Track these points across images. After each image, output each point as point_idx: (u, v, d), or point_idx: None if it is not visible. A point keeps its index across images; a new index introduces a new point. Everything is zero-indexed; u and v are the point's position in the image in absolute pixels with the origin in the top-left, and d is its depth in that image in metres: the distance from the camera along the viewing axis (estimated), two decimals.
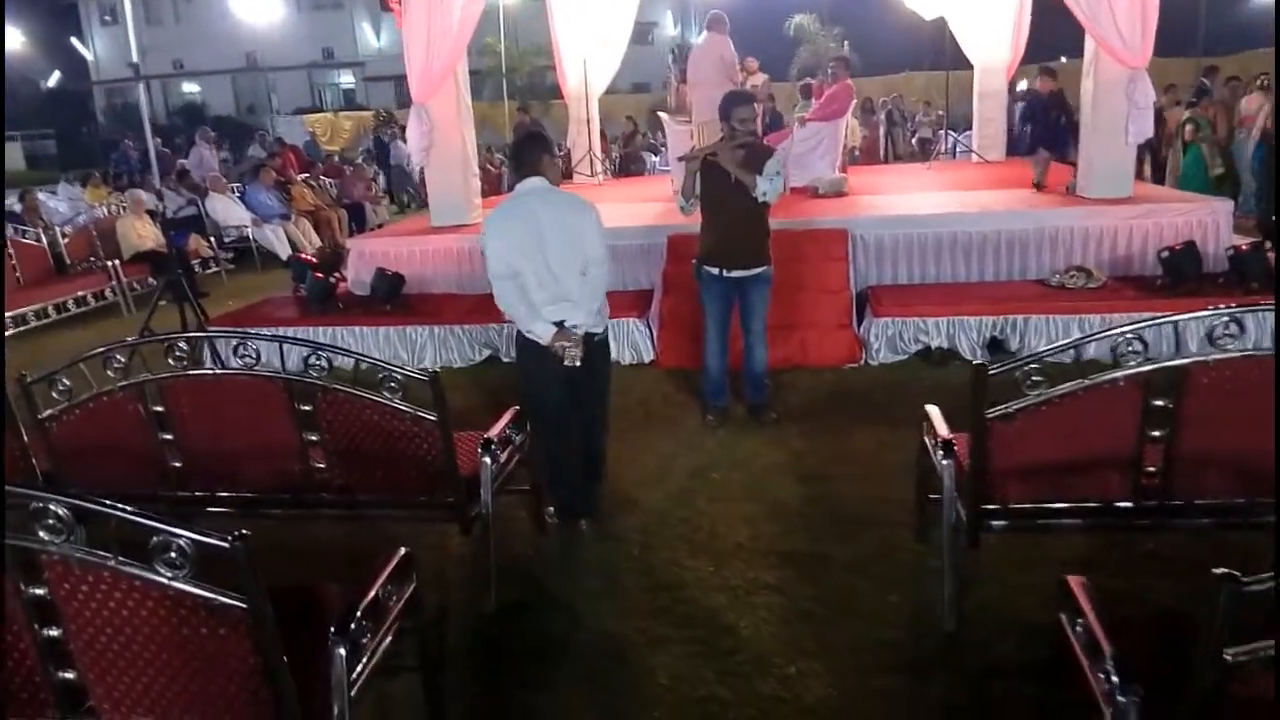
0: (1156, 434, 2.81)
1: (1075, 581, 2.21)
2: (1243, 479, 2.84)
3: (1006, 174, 9.16)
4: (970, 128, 15.48)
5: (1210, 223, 6.58)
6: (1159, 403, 2.77)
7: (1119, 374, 2.74)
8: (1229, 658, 1.65)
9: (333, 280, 7.41)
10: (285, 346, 3.69)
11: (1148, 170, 11.41)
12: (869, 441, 4.84)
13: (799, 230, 6.69)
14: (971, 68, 11.60)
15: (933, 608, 3.26)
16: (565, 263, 3.74)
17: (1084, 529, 3.10)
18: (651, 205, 8.57)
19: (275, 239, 11.76)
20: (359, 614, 2.25)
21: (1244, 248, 6.06)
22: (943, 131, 16.89)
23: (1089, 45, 7.05)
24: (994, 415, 2.84)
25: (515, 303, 3.76)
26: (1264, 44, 25.40)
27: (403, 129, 23.11)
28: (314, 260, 7.98)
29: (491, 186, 12.49)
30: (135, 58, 7.38)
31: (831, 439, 4.92)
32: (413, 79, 7.56)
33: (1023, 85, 13.58)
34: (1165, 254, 6.13)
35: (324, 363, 3.25)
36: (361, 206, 14.66)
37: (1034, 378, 2.80)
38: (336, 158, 21.42)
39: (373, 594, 2.35)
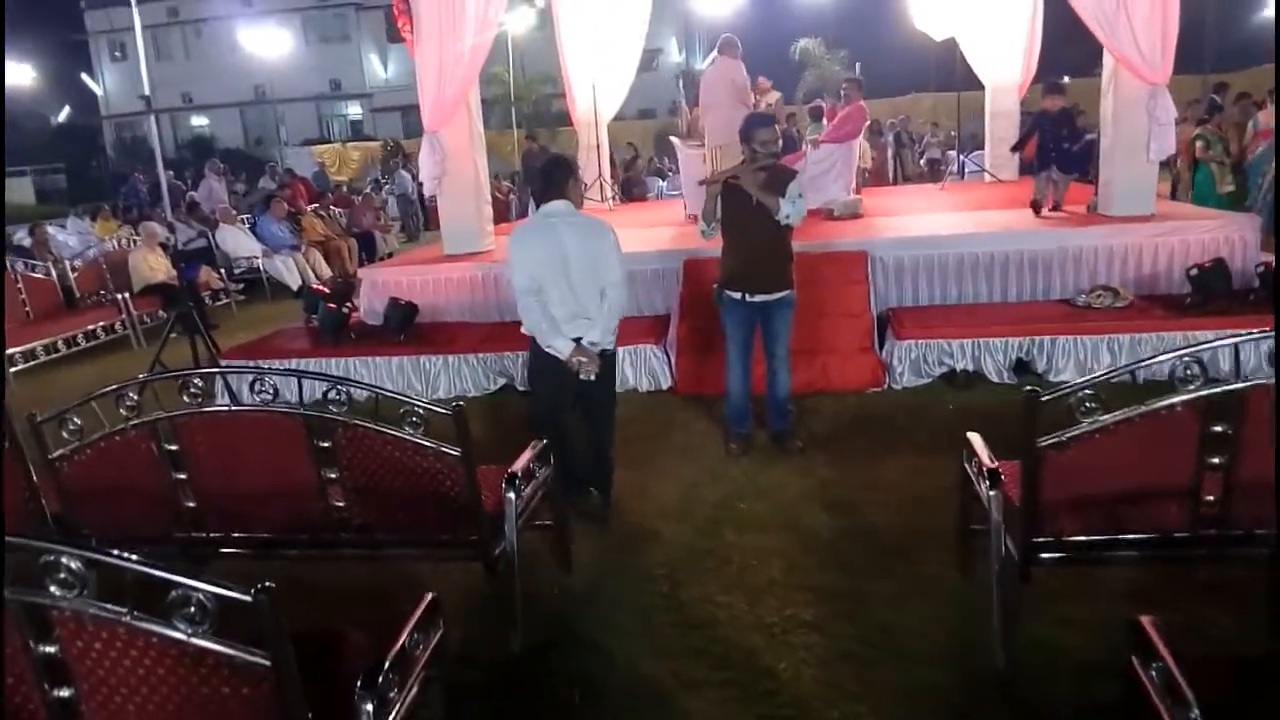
0: (1216, 460, 2.68)
1: (1148, 622, 2.07)
2: None
3: (1020, 193, 9.05)
4: (978, 148, 15.51)
5: (1238, 239, 6.45)
6: (1218, 428, 2.64)
7: (1176, 399, 2.61)
8: None
9: (345, 310, 7.33)
10: (302, 380, 3.58)
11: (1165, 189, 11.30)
12: (897, 469, 4.71)
13: (817, 253, 6.59)
14: (981, 88, 11.57)
15: (980, 646, 3.11)
16: (586, 283, 3.99)
17: (1138, 560, 2.95)
18: (665, 230, 8.50)
19: (285, 269, 11.72)
20: (386, 666, 2.13)
21: (1271, 264, 5.93)
22: (952, 152, 16.86)
23: (1108, 62, 6.97)
24: (1047, 444, 2.71)
25: (539, 319, 4.01)
26: (1267, 59, 25.46)
27: (409, 158, 23.38)
28: (326, 290, 7.90)
29: (499, 214, 12.45)
30: (147, 90, 7.35)
31: (859, 466, 4.78)
32: (425, 107, 7.51)
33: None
34: (1194, 271, 6.01)
35: (343, 397, 3.14)
36: (371, 235, 14.65)
37: (1088, 404, 2.66)
38: (345, 188, 21.51)
39: (400, 644, 2.23)
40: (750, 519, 4.26)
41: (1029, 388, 2.70)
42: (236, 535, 3.39)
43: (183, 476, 3.23)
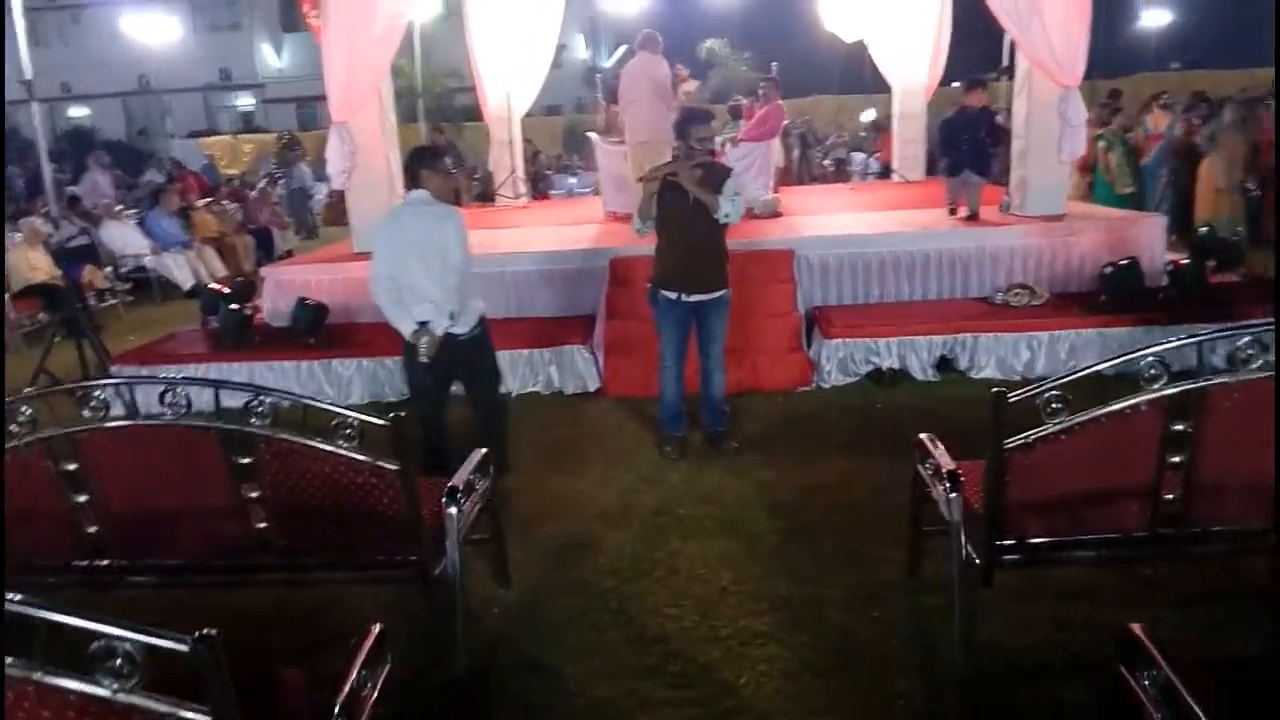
0: (1176, 460, 2.68)
1: (1140, 630, 2.02)
2: (1260, 503, 2.73)
3: (930, 194, 9.22)
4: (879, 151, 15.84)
5: (1145, 239, 6.68)
6: (1179, 427, 2.64)
7: (1141, 399, 2.59)
8: None
9: (248, 312, 6.91)
10: (212, 390, 3.28)
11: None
12: (834, 470, 4.66)
13: (743, 252, 6.49)
14: (889, 90, 11.77)
15: (939, 650, 3.07)
16: (428, 268, 4.15)
17: (1096, 560, 2.94)
18: (587, 228, 8.33)
19: (177, 268, 11.05)
20: (336, 712, 1.92)
21: (1182, 263, 6.15)
22: (858, 153, 17.19)
23: (1021, 64, 7.13)
24: (1012, 445, 2.66)
25: (387, 303, 4.25)
26: (1152, 67, 26.91)
27: (306, 151, 22.47)
28: (225, 290, 7.42)
29: None
30: (29, 74, 6.76)
31: (796, 468, 4.72)
32: (333, 97, 7.13)
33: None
34: (1109, 270, 6.18)
35: (265, 408, 2.87)
36: (269, 232, 14.01)
37: (1053, 404, 2.62)
38: (238, 182, 20.56)
39: (349, 685, 2.01)
40: (693, 525, 4.14)
41: (996, 389, 2.64)
42: (144, 562, 3.09)
43: (83, 499, 2.91)
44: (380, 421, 2.78)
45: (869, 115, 19.81)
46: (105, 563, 3.03)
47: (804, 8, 14.73)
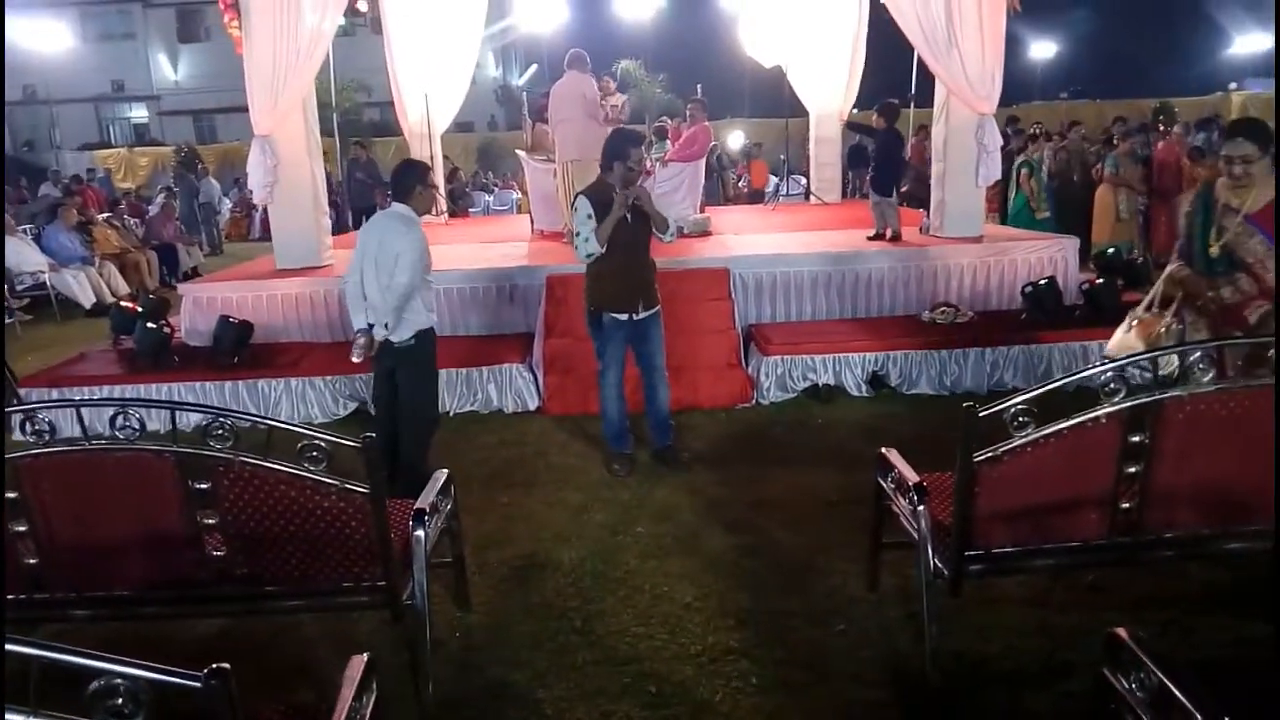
0: (1132, 469, 2.80)
1: (1126, 633, 2.09)
2: (1208, 510, 2.88)
3: (849, 215, 9.50)
4: (794, 172, 16.23)
5: (1060, 259, 7.01)
6: (1135, 438, 2.76)
7: (1102, 411, 2.70)
8: None
9: (166, 330, 6.60)
10: (165, 412, 3.12)
11: None
12: (782, 485, 4.72)
13: (679, 270, 6.58)
14: (806, 114, 12.06)
15: (908, 660, 3.13)
16: (378, 278, 4.41)
17: (1058, 568, 3.05)
18: (518, 245, 8.28)
19: (77, 285, 10.50)
20: None
21: (1096, 282, 6.46)
22: (773, 175, 17.54)
23: (940, 92, 7.40)
24: (981, 458, 2.73)
25: (349, 301, 4.60)
26: (1037, 97, 28.35)
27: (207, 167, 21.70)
28: (138, 308, 7.08)
29: None
30: None
31: (745, 484, 4.76)
32: (255, 109, 6.93)
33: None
34: (1029, 289, 6.45)
35: (225, 431, 2.75)
36: (173, 248, 13.45)
37: (1020, 419, 2.71)
38: (134, 195, 19.72)
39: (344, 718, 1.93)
40: (650, 543, 4.12)
41: (968, 404, 2.71)
42: (88, 595, 2.90)
43: (23, 528, 2.72)
44: (352, 443, 2.69)
45: (738, 140, 20.35)
46: (44, 596, 2.84)
47: (715, 33, 15.03)
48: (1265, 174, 3.65)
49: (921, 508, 3.01)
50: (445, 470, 3.41)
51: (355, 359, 4.52)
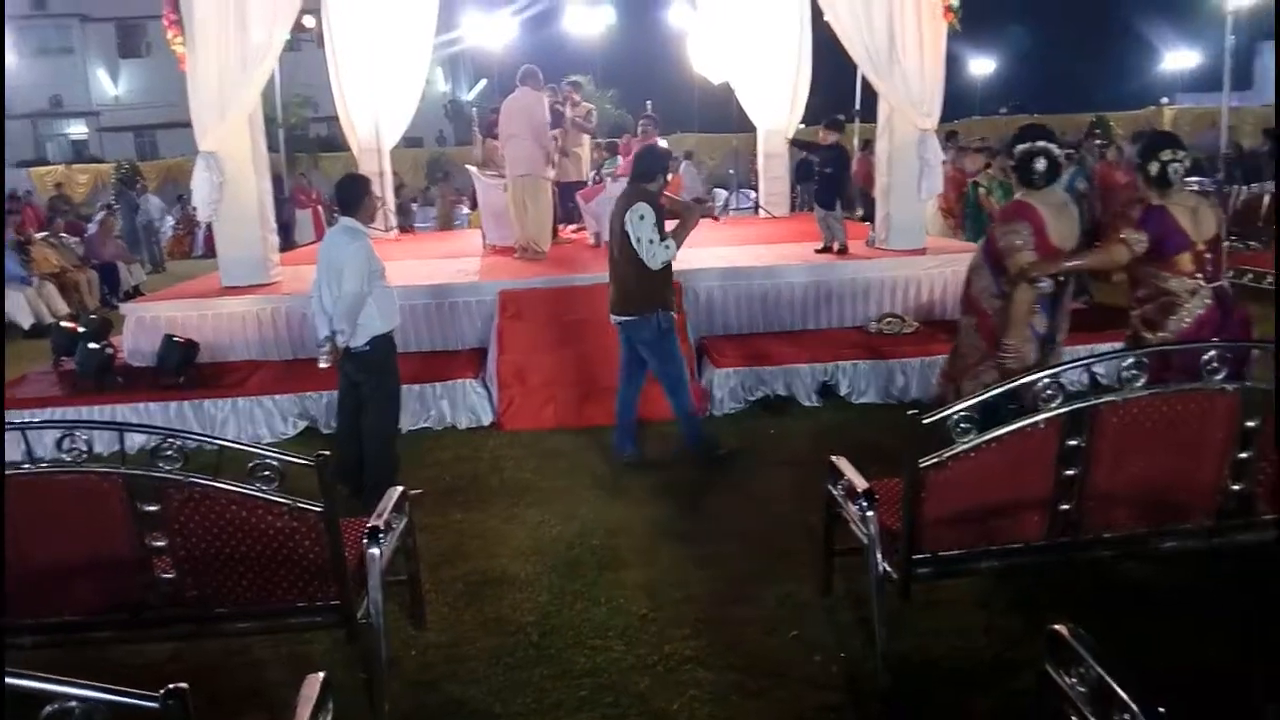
0: (1071, 473, 2.90)
1: (1066, 630, 2.16)
2: (1145, 511, 3.00)
3: (798, 228, 9.63)
4: (743, 186, 16.44)
5: None
6: (1073, 442, 2.86)
7: (1041, 417, 2.80)
8: None
9: (109, 351, 6.47)
10: (109, 433, 3.08)
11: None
12: (738, 495, 4.78)
13: None
14: (754, 129, 12.22)
15: (860, 663, 3.19)
16: (330, 288, 4.60)
17: (1002, 570, 3.14)
18: (470, 260, 8.26)
19: (15, 306, 10.23)
20: None
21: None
22: (720, 189, 17.75)
23: (883, 108, 7.56)
24: (927, 464, 2.81)
25: (314, 311, 4.79)
26: (977, 112, 29.04)
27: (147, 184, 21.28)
28: (79, 329, 6.92)
29: None
30: None
31: (701, 495, 4.82)
32: (198, 124, 6.84)
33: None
34: None
35: (174, 452, 2.72)
36: (114, 266, 13.15)
37: (963, 425, 2.80)
38: (73, 214, 19.23)
39: None
40: (607, 556, 4.14)
41: (913, 411, 2.79)
42: (28, 621, 2.84)
43: None
44: (305, 461, 2.68)
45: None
46: None
47: (663, 49, 15.18)
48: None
49: (870, 514, 3.08)
50: (400, 486, 3.40)
51: (322, 365, 4.67)
